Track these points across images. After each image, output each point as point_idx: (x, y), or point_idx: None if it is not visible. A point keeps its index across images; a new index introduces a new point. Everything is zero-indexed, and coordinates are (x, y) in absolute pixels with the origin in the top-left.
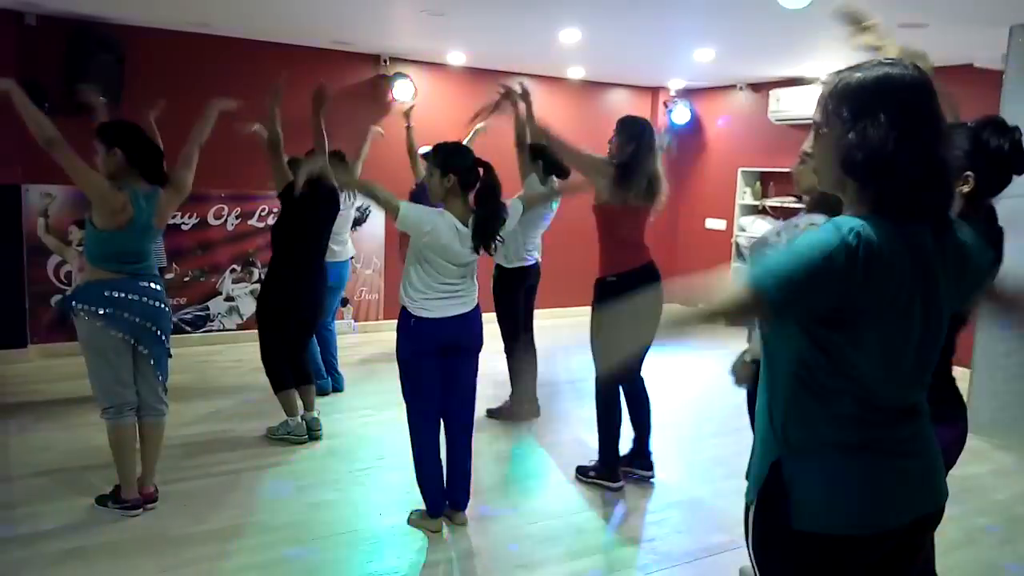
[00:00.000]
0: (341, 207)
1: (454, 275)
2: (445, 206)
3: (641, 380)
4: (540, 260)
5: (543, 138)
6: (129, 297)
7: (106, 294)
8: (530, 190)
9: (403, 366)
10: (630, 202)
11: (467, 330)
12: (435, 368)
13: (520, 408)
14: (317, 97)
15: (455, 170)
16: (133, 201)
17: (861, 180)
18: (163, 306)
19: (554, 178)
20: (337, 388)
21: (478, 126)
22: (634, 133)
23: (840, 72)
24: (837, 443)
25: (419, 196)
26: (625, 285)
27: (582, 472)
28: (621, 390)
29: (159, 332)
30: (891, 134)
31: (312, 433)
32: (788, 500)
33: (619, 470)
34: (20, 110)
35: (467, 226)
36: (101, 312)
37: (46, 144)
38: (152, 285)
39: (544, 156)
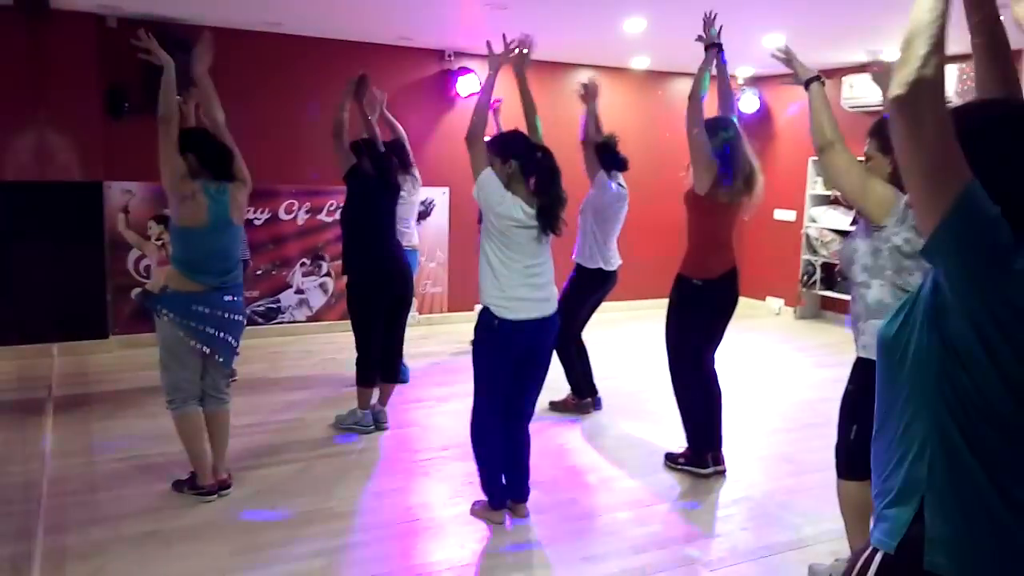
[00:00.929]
0: (404, 194)
1: (530, 250)
2: (510, 191)
3: (714, 373)
4: (620, 264)
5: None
6: (215, 313)
7: (193, 308)
8: (599, 190)
9: (479, 369)
10: (723, 199)
11: (545, 338)
12: (510, 373)
13: (582, 401)
14: (358, 84)
15: (516, 156)
16: (205, 191)
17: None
18: (241, 318)
19: (618, 173)
20: (403, 380)
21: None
22: (718, 129)
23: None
24: (986, 484)
25: None
26: (709, 293)
27: (671, 459)
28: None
29: (232, 340)
30: None
31: (379, 424)
32: (923, 538)
33: (708, 457)
34: (164, 83)
35: (532, 207)
36: (185, 323)
37: (164, 118)
38: (235, 299)
39: (607, 152)
